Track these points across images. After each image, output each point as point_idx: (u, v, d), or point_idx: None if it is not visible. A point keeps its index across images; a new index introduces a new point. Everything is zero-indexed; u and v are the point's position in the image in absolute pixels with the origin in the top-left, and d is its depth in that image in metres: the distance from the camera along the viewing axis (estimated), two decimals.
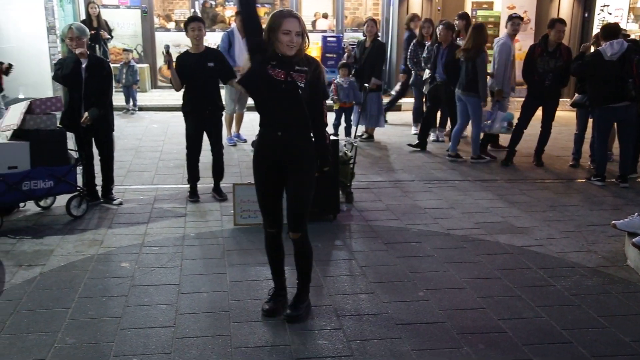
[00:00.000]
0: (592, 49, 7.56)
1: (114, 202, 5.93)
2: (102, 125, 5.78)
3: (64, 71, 5.60)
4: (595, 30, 11.93)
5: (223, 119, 6.26)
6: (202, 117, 5.93)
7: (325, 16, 14.80)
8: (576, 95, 7.67)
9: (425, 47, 9.00)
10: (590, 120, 7.48)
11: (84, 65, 5.58)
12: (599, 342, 3.55)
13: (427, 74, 8.95)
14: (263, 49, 3.48)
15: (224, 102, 6.39)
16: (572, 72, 7.30)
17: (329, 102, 4.70)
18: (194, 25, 5.84)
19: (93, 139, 5.87)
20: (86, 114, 5.57)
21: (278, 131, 3.53)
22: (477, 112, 7.75)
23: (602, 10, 12.49)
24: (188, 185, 6.24)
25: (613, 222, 5.04)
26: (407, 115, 11.46)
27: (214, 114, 6.00)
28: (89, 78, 5.59)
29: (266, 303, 3.82)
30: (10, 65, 7.41)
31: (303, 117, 3.52)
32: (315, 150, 3.63)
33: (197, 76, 5.82)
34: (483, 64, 7.62)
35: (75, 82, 5.60)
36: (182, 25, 13.95)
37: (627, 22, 12.33)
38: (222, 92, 6.40)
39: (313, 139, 3.63)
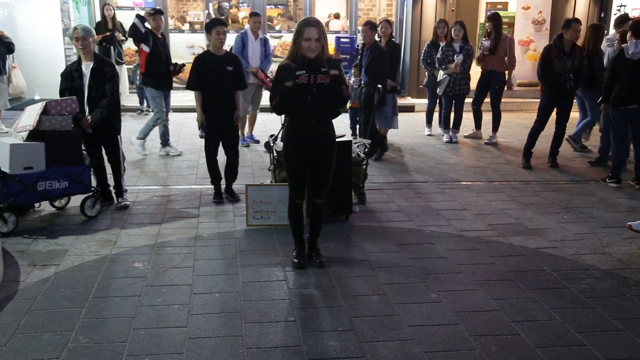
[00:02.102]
0: (616, 44, 7.58)
1: (121, 202, 5.90)
2: (106, 128, 5.74)
3: (65, 85, 5.65)
4: (611, 29, 11.83)
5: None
6: (219, 118, 5.96)
7: (337, 16, 14.80)
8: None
9: (440, 48, 9.02)
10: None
11: (89, 68, 5.62)
12: (613, 345, 3.51)
13: (441, 75, 8.97)
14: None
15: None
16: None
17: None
18: (219, 28, 5.93)
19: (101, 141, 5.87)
20: (89, 117, 5.58)
21: (311, 120, 4.29)
22: (596, 106, 7.80)
23: (619, 10, 12.38)
24: (205, 187, 6.25)
25: (629, 223, 5.00)
26: (420, 117, 11.44)
27: (231, 115, 6.02)
28: (92, 81, 5.61)
29: (295, 259, 4.58)
30: (183, 65, 8.14)
31: (329, 108, 4.33)
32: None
33: (216, 77, 5.88)
34: (602, 62, 7.82)
35: (79, 87, 5.63)
36: (196, 26, 14.09)
37: None
38: None
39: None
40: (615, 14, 12.38)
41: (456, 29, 8.81)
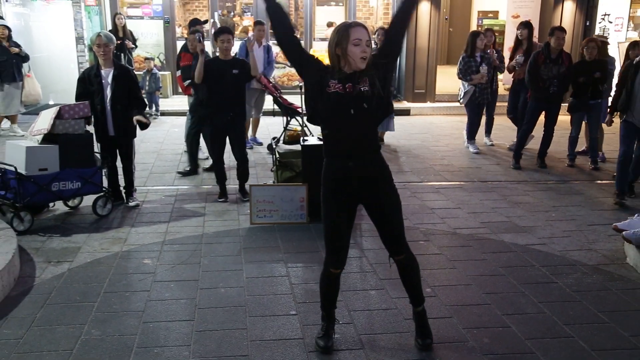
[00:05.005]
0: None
1: (131, 203, 5.94)
2: (127, 131, 5.81)
3: (89, 88, 5.63)
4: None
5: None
6: (224, 122, 5.94)
7: (332, 24, 14.72)
8: (571, 99, 7.60)
9: (461, 58, 8.37)
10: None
11: (109, 74, 5.62)
12: (599, 337, 3.51)
13: (466, 86, 8.40)
14: (294, 42, 3.13)
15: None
16: None
17: None
18: (224, 37, 5.86)
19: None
20: (136, 117, 5.63)
21: (348, 161, 3.06)
22: None
23: (603, 18, 12.38)
24: (211, 187, 6.24)
25: (614, 224, 4.98)
26: (415, 119, 11.46)
27: (235, 119, 5.99)
28: (116, 87, 5.62)
29: (320, 339, 3.36)
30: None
31: (374, 136, 3.14)
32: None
33: (222, 81, 5.84)
34: None
35: (97, 91, 5.63)
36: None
37: (627, 31, 12.22)
38: None
39: None
40: (599, 22, 12.40)
41: (480, 38, 8.26)
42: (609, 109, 6.67)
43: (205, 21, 7.69)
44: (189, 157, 7.27)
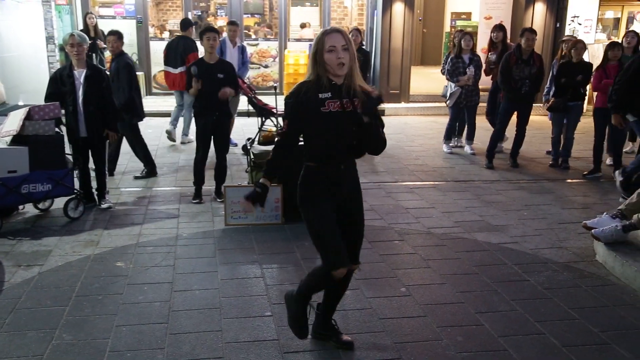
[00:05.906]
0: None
1: (103, 205, 5.86)
2: (100, 132, 5.72)
3: (62, 88, 5.55)
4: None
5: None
6: (209, 122, 5.92)
7: (305, 25, 14.69)
8: (553, 100, 7.63)
9: (449, 59, 8.38)
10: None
11: (82, 75, 5.54)
12: (569, 333, 3.57)
13: (452, 87, 8.37)
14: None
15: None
16: None
17: None
18: (210, 35, 5.88)
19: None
20: (111, 133, 5.74)
21: (340, 164, 3.14)
22: None
23: (572, 20, 12.61)
24: (185, 188, 6.19)
25: (584, 222, 5.07)
26: (389, 120, 11.51)
27: (221, 120, 5.99)
28: (88, 88, 5.54)
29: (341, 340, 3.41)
30: None
31: (360, 145, 3.24)
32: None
33: (207, 84, 5.80)
34: None
35: (70, 91, 5.55)
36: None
37: (596, 32, 12.46)
38: None
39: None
40: (569, 24, 12.62)
41: (466, 39, 8.29)
42: (612, 108, 6.36)
43: (196, 23, 7.61)
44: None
